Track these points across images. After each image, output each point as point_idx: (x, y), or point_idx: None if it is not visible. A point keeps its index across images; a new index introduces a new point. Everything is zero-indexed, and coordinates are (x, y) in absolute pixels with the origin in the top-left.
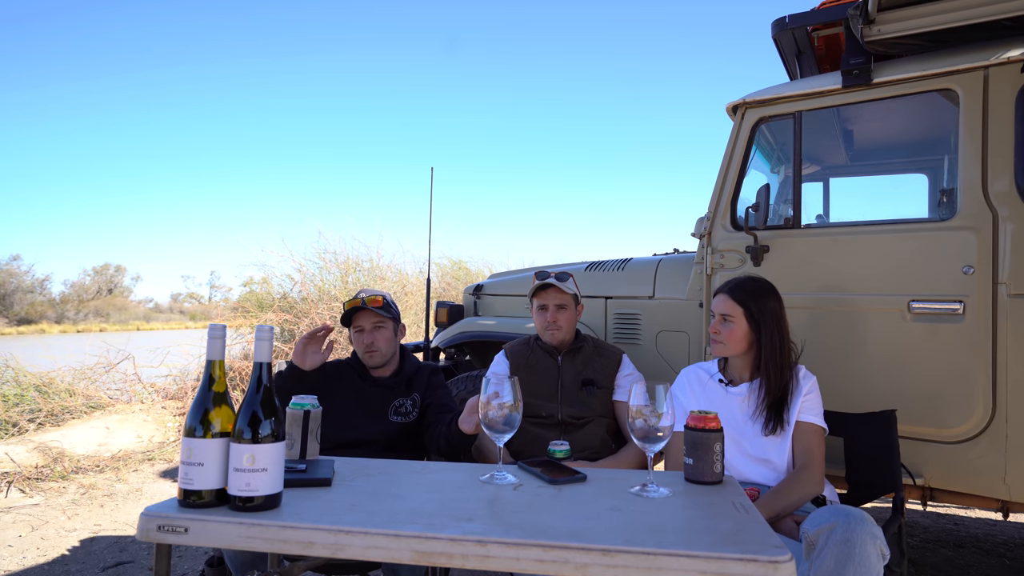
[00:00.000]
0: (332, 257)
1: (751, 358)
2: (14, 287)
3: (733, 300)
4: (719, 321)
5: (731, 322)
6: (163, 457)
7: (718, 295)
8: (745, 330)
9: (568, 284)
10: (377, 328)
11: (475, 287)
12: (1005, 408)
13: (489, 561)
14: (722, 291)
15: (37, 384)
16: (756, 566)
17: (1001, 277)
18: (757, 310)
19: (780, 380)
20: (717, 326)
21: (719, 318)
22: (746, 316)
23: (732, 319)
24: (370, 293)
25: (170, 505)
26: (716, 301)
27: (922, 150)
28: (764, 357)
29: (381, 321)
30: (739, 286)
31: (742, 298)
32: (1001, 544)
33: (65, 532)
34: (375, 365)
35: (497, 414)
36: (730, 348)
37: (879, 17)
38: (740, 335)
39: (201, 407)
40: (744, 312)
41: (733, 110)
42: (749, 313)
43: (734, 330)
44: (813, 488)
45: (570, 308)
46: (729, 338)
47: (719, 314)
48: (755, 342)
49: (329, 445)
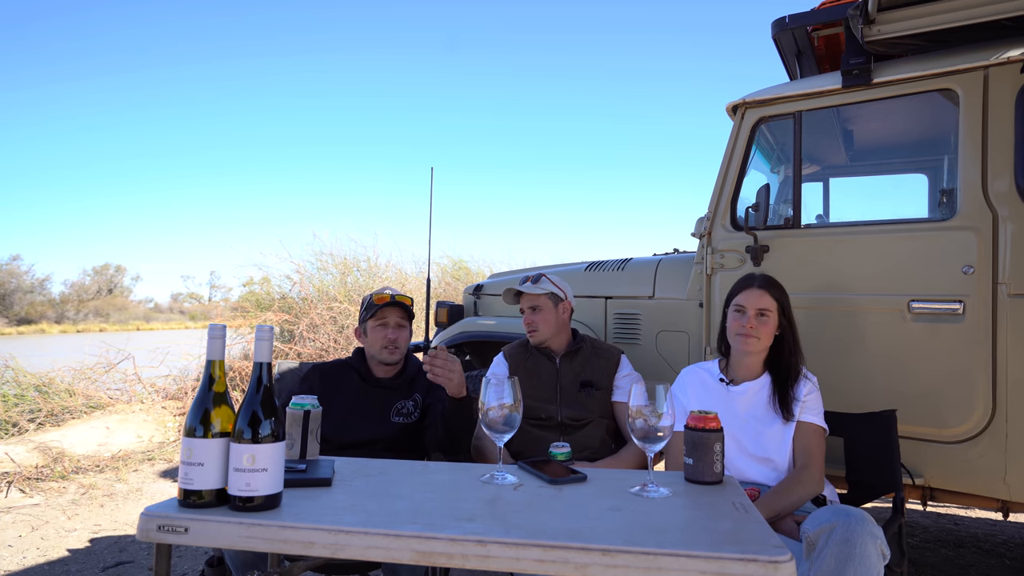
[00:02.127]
0: (329, 258)
1: (765, 354)
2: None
3: (770, 295)
4: (755, 315)
5: (767, 316)
6: (163, 457)
7: (751, 290)
8: (775, 324)
9: (540, 285)
10: (399, 327)
11: (475, 287)
12: (1005, 408)
13: (489, 561)
14: (755, 286)
15: (37, 384)
16: (756, 566)
17: (1001, 277)
18: (786, 304)
19: (795, 372)
20: (753, 321)
21: (754, 313)
22: (779, 310)
23: (769, 313)
24: (397, 292)
25: (170, 505)
26: (751, 295)
27: (922, 150)
28: (787, 350)
29: (404, 320)
30: (770, 280)
31: (776, 293)
32: (1001, 544)
33: (65, 532)
34: (391, 362)
35: (497, 414)
36: (764, 343)
37: (879, 17)
38: (772, 330)
39: (201, 407)
40: (778, 307)
41: (733, 110)
42: (782, 308)
43: (768, 325)
44: (813, 488)
45: (546, 308)
46: (764, 332)
47: (755, 309)
48: (778, 337)
49: (330, 446)
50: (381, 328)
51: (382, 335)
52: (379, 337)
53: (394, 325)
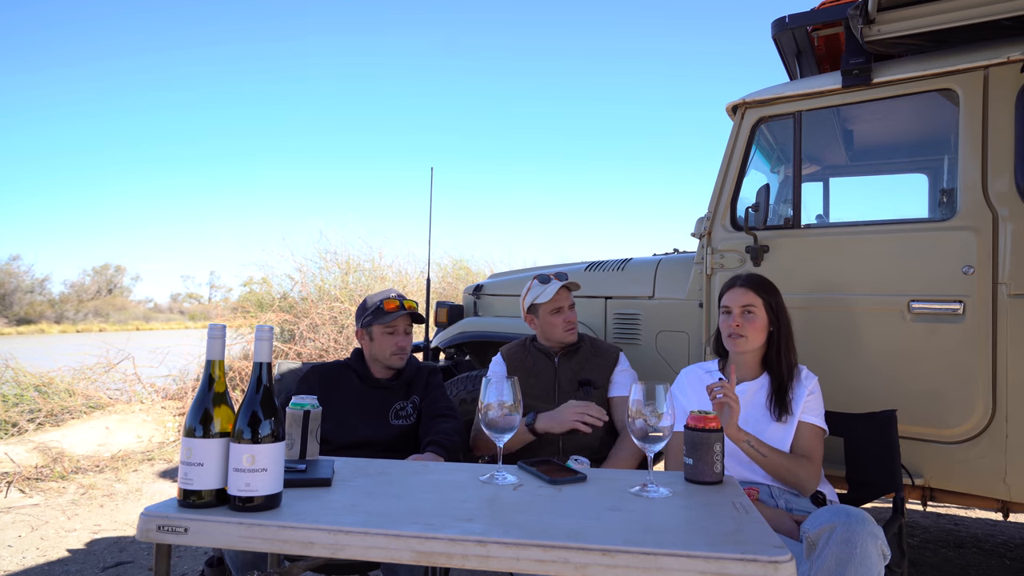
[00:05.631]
0: (333, 257)
1: (761, 353)
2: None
3: (754, 292)
4: (740, 314)
5: (753, 313)
6: (163, 457)
7: (734, 289)
8: (764, 322)
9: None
10: (407, 332)
11: (475, 287)
12: (1005, 408)
13: (489, 561)
14: (738, 285)
15: (37, 384)
16: (756, 566)
17: (1001, 277)
18: (775, 302)
19: (791, 370)
20: (739, 319)
21: (739, 311)
22: (765, 307)
23: (754, 310)
24: (405, 297)
25: (170, 505)
26: (734, 294)
27: (922, 150)
28: (780, 348)
29: (412, 326)
30: (753, 279)
31: (760, 290)
32: (1001, 544)
33: (65, 532)
34: (399, 367)
35: (497, 414)
36: (752, 341)
37: (879, 17)
38: (760, 327)
39: (201, 407)
40: (764, 303)
41: (733, 110)
42: (768, 304)
43: (756, 322)
44: (807, 477)
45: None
46: (752, 330)
47: (740, 307)
48: (770, 335)
49: (330, 448)
50: (391, 336)
51: (392, 342)
52: (389, 344)
53: (403, 332)
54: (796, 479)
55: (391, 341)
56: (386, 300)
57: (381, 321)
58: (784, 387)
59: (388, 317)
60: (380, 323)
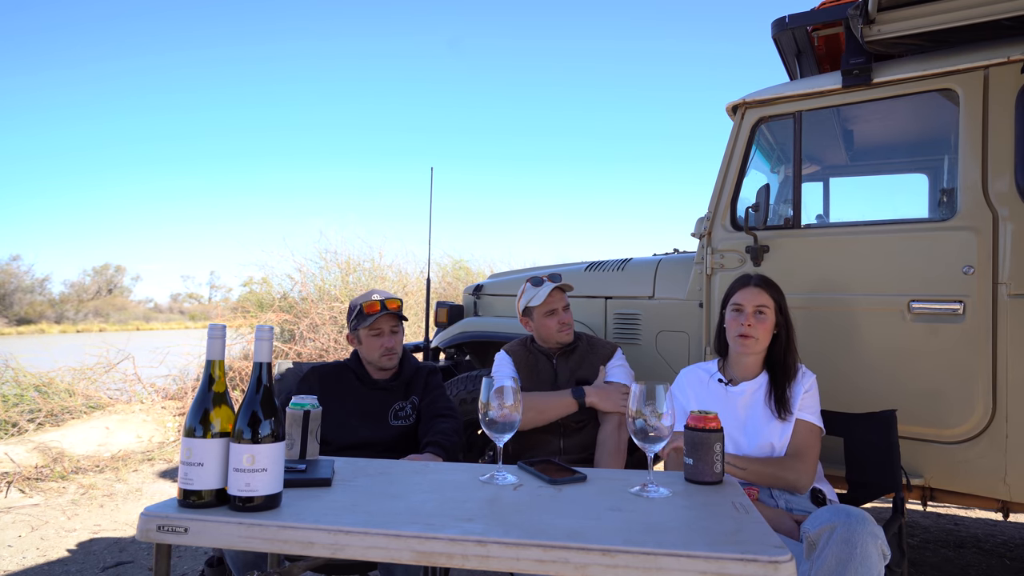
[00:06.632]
0: (333, 257)
1: (764, 353)
2: (14, 287)
3: (768, 293)
4: (752, 314)
5: (764, 314)
6: (163, 457)
7: (748, 288)
8: (773, 323)
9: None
10: (394, 332)
11: (475, 287)
12: (1005, 408)
13: (489, 561)
14: (752, 284)
15: (37, 384)
16: (756, 566)
17: (1001, 277)
18: (783, 303)
19: (792, 370)
20: (751, 319)
21: (752, 311)
22: (776, 308)
23: (766, 311)
24: (385, 295)
25: (170, 505)
26: (748, 293)
27: (922, 150)
28: (784, 348)
29: (398, 325)
30: (765, 279)
31: (773, 292)
32: (1001, 544)
33: (65, 532)
34: (390, 367)
35: (498, 414)
36: (761, 342)
37: (879, 17)
38: (770, 328)
39: (201, 407)
40: (775, 304)
41: (733, 110)
42: (778, 306)
43: (766, 323)
44: (796, 477)
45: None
46: (762, 331)
47: (753, 306)
48: (775, 335)
49: (330, 449)
50: (376, 337)
51: (379, 344)
52: (376, 346)
53: (388, 332)
54: (784, 483)
55: (377, 343)
56: (366, 303)
57: (364, 324)
58: (784, 387)
59: (370, 319)
60: (364, 326)
